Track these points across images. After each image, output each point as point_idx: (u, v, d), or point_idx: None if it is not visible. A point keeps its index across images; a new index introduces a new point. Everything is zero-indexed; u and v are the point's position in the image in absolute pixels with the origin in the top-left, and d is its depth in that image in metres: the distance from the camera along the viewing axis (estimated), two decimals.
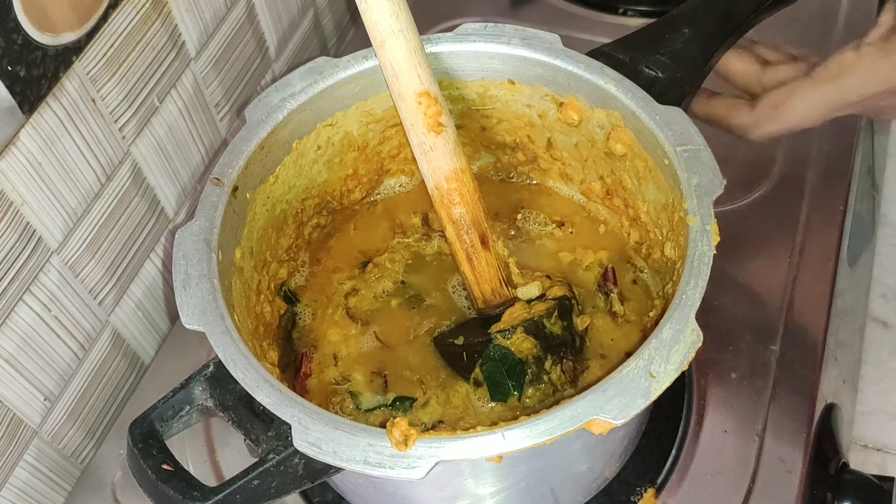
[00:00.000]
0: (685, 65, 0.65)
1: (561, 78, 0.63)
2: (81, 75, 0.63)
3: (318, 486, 0.66)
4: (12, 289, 0.62)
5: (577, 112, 0.64)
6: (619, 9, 0.97)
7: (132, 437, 0.52)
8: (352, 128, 0.66)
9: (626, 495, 0.65)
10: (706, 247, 0.53)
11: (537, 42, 0.63)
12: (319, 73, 0.63)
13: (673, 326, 0.50)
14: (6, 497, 0.66)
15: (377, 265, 0.68)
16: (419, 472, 0.47)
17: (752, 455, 0.66)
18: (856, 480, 0.68)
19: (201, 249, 0.56)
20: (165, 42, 0.70)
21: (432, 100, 0.60)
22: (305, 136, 0.64)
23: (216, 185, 0.58)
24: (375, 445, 0.48)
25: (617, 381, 0.48)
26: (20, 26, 0.56)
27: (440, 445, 0.47)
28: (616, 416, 0.47)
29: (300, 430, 0.48)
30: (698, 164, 0.56)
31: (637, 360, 0.49)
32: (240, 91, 0.83)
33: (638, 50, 0.65)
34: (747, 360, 0.70)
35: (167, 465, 0.50)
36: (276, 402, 0.50)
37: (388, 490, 0.59)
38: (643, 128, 0.59)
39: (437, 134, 0.60)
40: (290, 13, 0.89)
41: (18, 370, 0.64)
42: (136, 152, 0.71)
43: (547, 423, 0.47)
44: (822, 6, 0.95)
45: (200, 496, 0.49)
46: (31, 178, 0.61)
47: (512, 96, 0.66)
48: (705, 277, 0.51)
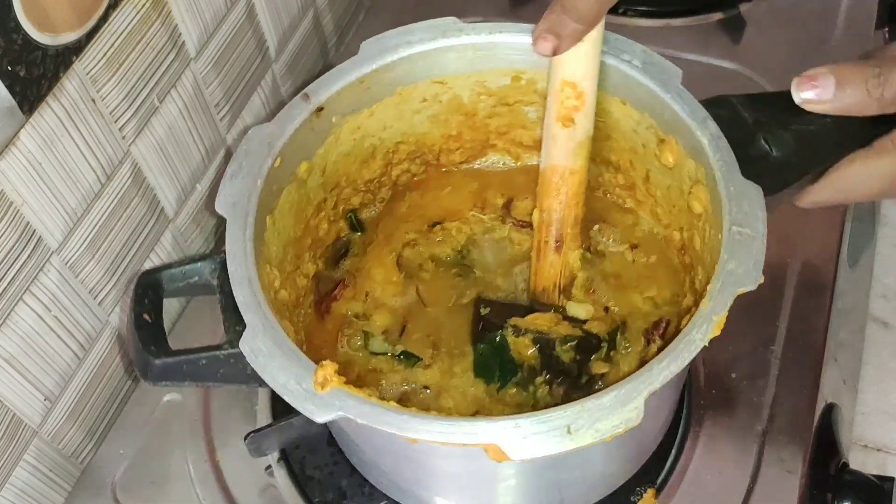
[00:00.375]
0: (806, 154, 0.56)
1: (667, 115, 0.60)
2: (81, 75, 0.63)
3: (317, 485, 0.67)
4: (12, 289, 0.62)
5: (674, 155, 0.60)
6: (620, 9, 0.96)
7: (138, 283, 0.57)
8: (462, 93, 0.67)
9: (626, 495, 0.64)
10: (699, 335, 0.50)
11: (657, 71, 0.60)
12: (442, 32, 0.63)
13: (619, 395, 0.48)
14: (6, 497, 0.66)
15: (444, 229, 0.70)
16: (319, 416, 0.49)
17: (752, 455, 0.66)
18: (856, 481, 0.68)
19: (263, 151, 0.59)
20: (165, 42, 0.70)
21: (577, 93, 0.58)
22: (412, 85, 0.65)
23: (304, 101, 0.61)
24: (300, 377, 0.50)
25: (537, 420, 0.47)
26: (20, 26, 0.56)
27: (346, 402, 0.49)
28: (514, 452, 0.46)
29: (250, 335, 0.52)
30: (745, 251, 0.52)
31: (565, 409, 0.47)
32: (240, 91, 0.83)
33: (767, 113, 0.57)
34: (747, 360, 0.70)
35: (147, 316, 0.55)
36: (246, 302, 0.53)
37: (404, 455, 0.59)
38: (715, 194, 0.55)
39: (564, 126, 0.60)
40: (290, 13, 0.89)
41: (18, 370, 0.64)
42: (136, 152, 0.71)
43: (452, 426, 0.47)
44: (822, 6, 0.95)
45: (155, 350, 0.54)
46: (31, 178, 0.61)
47: (622, 116, 0.63)
48: (681, 365, 0.49)
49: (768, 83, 0.88)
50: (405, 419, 0.48)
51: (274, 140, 0.60)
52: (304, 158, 0.62)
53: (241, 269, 0.54)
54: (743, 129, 0.57)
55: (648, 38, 0.93)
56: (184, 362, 0.54)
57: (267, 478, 0.68)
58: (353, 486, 0.67)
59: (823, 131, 0.55)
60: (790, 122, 0.56)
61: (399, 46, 0.63)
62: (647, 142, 0.62)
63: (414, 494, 0.63)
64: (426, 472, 0.59)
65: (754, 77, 0.89)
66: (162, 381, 0.55)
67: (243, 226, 0.56)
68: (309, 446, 0.68)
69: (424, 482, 0.61)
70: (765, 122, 0.57)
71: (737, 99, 0.58)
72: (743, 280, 0.51)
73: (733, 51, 0.92)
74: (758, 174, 0.55)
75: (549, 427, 0.47)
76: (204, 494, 0.68)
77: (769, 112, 0.57)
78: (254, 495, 0.68)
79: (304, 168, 0.63)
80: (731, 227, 0.53)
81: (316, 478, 0.68)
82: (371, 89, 0.64)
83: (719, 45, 0.93)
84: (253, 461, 0.68)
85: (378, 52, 0.63)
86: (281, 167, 0.60)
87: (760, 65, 0.90)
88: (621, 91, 0.62)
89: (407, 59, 0.63)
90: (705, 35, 0.94)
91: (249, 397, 0.73)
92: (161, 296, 0.57)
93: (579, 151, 0.61)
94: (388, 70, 0.63)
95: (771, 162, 0.56)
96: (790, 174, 0.56)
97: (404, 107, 0.66)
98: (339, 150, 0.65)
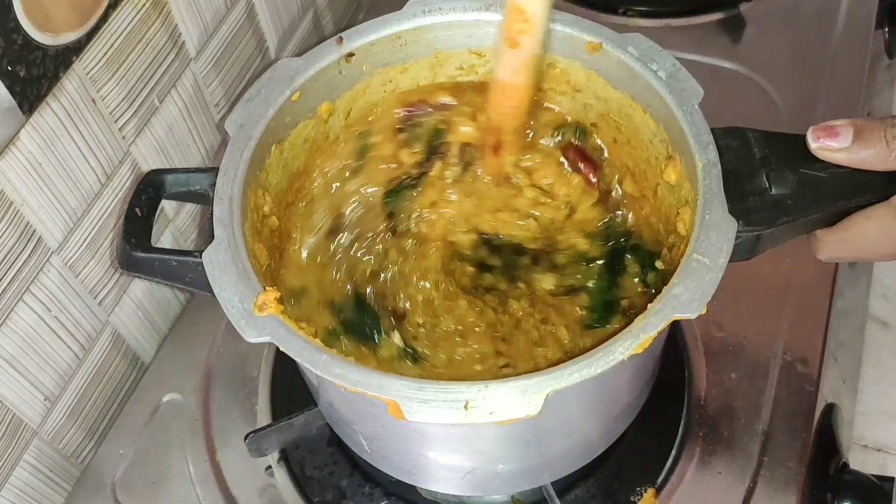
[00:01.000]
0: (806, 197, 0.55)
1: (675, 132, 0.59)
2: (81, 75, 0.63)
3: (317, 485, 0.67)
4: (12, 289, 0.62)
5: (676, 174, 0.59)
6: (620, 9, 0.96)
7: (142, 180, 0.59)
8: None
9: (626, 495, 0.65)
10: (622, 349, 0.49)
11: (679, 86, 0.59)
12: (487, 6, 0.64)
13: (523, 386, 0.48)
14: (6, 497, 0.66)
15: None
16: (249, 335, 0.50)
17: (752, 455, 0.66)
18: (856, 480, 0.68)
19: (284, 82, 0.60)
20: (165, 42, 0.70)
21: (524, 18, 0.59)
22: (448, 52, 0.66)
23: (337, 43, 0.62)
24: (244, 296, 0.51)
25: (440, 389, 0.48)
26: (20, 26, 0.56)
27: (277, 330, 0.50)
28: (409, 412, 0.47)
29: (214, 248, 0.54)
30: (696, 279, 0.51)
31: (469, 386, 0.48)
32: (240, 91, 0.83)
33: (778, 152, 0.56)
34: (747, 360, 0.70)
35: (139, 211, 0.57)
36: (221, 217, 0.55)
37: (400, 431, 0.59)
38: (695, 222, 0.54)
39: (511, 47, 0.60)
40: (290, 13, 0.89)
41: (18, 370, 0.64)
42: (136, 152, 0.71)
43: (364, 376, 0.48)
44: (822, 6, 0.95)
45: (135, 243, 0.56)
46: (31, 178, 0.61)
47: (642, 125, 0.63)
48: (591, 373, 0.48)
49: (768, 83, 0.88)
50: (324, 359, 0.49)
51: (297, 74, 0.61)
52: (326, 98, 0.64)
53: (227, 186, 0.56)
54: (749, 162, 0.56)
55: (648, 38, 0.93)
56: (156, 260, 0.56)
57: (267, 478, 0.68)
58: (353, 486, 0.67)
59: (831, 180, 0.55)
60: (800, 166, 0.55)
61: (443, 10, 0.64)
62: (659, 155, 0.62)
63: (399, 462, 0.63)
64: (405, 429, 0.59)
65: (754, 77, 0.89)
66: (134, 271, 0.57)
67: (243, 147, 0.58)
68: (309, 446, 0.68)
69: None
70: (773, 160, 0.56)
71: (752, 133, 0.58)
72: (684, 307, 0.50)
73: (733, 51, 0.92)
74: (749, 208, 0.54)
75: (450, 398, 0.48)
76: (204, 494, 0.68)
77: (781, 151, 0.56)
78: (254, 495, 0.68)
79: (325, 108, 0.64)
80: (693, 253, 0.52)
81: (316, 478, 0.68)
82: (406, 45, 0.64)
83: (719, 45, 0.93)
84: (253, 461, 0.68)
85: (422, 12, 0.64)
86: (299, 102, 0.61)
87: (760, 65, 0.90)
88: (644, 99, 0.62)
89: (446, 26, 0.64)
90: (705, 35, 0.94)
91: (249, 397, 0.73)
92: (161, 195, 0.59)
93: (523, 70, 0.62)
94: (427, 31, 0.64)
95: (766, 199, 0.55)
96: (785, 213, 0.55)
97: (438, 70, 0.67)
98: (367, 99, 0.66)
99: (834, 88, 0.88)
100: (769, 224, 0.55)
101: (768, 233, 0.55)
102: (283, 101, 0.60)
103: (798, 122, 0.85)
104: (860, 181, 0.54)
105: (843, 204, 0.55)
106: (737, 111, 0.86)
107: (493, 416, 0.47)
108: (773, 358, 0.70)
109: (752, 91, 0.88)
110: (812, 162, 0.55)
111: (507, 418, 0.48)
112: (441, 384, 0.48)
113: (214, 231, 0.54)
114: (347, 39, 0.63)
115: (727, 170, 0.55)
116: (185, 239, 0.80)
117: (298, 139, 0.63)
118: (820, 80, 0.88)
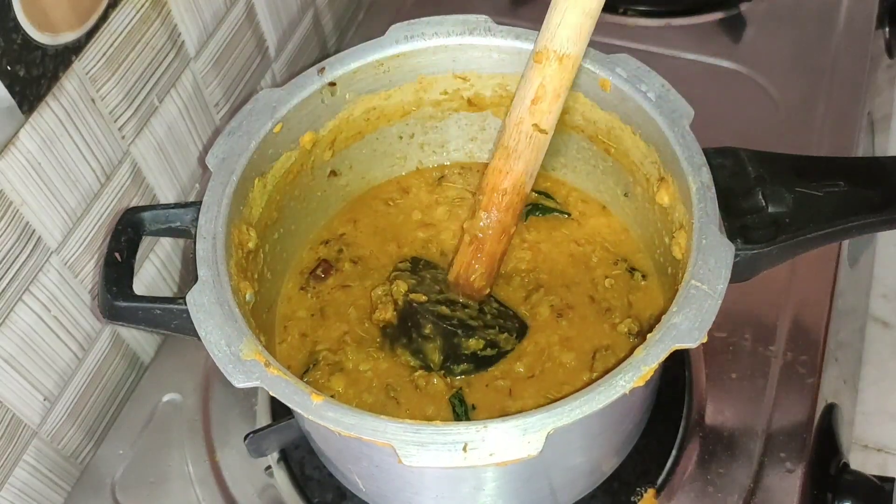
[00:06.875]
0: (804, 215, 0.55)
1: (668, 154, 0.58)
2: (81, 75, 0.63)
3: (317, 485, 0.67)
4: (12, 289, 0.62)
5: (669, 196, 0.59)
6: (620, 8, 0.96)
7: (120, 220, 0.58)
8: (484, 92, 0.67)
9: (626, 495, 0.64)
10: (623, 382, 0.48)
11: (669, 108, 0.58)
12: (471, 29, 0.63)
13: (522, 425, 0.47)
14: (6, 497, 0.66)
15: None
16: (237, 380, 0.50)
17: (752, 455, 0.66)
18: (856, 481, 0.68)
19: (266, 114, 0.60)
20: (165, 42, 0.70)
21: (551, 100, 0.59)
22: (432, 77, 0.65)
23: (319, 74, 0.62)
24: (232, 340, 0.51)
25: (437, 431, 0.47)
26: (20, 26, 0.56)
27: (265, 374, 0.50)
28: (406, 456, 0.46)
29: (198, 289, 0.53)
30: (696, 307, 0.50)
31: (468, 426, 0.47)
32: (239, 91, 0.83)
33: (772, 171, 0.56)
34: (747, 360, 0.70)
35: (119, 255, 0.56)
36: (204, 257, 0.54)
37: (395, 472, 0.58)
38: (691, 246, 0.53)
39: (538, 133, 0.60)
40: (290, 13, 0.89)
41: (18, 370, 0.64)
42: (135, 152, 0.71)
43: (358, 419, 0.48)
44: (822, 6, 0.95)
45: (116, 292, 0.54)
46: (31, 178, 0.61)
47: (632, 146, 0.62)
48: (594, 407, 0.47)
49: (768, 83, 0.88)
50: (315, 404, 0.48)
51: (279, 105, 0.60)
52: (309, 129, 0.63)
53: (210, 224, 0.55)
54: (743, 181, 0.56)
55: (648, 38, 0.93)
56: (139, 309, 0.55)
57: (266, 478, 0.68)
58: None
59: (827, 199, 0.55)
60: (795, 184, 0.55)
61: (425, 35, 0.63)
62: (651, 176, 0.61)
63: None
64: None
65: (754, 77, 0.89)
66: (117, 321, 0.56)
67: (225, 182, 0.57)
68: (309, 446, 0.68)
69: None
70: (767, 178, 0.56)
71: (745, 153, 0.58)
72: (684, 336, 0.49)
73: (733, 50, 0.92)
74: (747, 226, 0.54)
75: (448, 440, 0.46)
76: (203, 494, 0.68)
77: (774, 170, 0.56)
78: (253, 495, 0.68)
79: (308, 139, 0.63)
80: (691, 280, 0.51)
81: (315, 478, 0.67)
82: (390, 72, 0.64)
83: (719, 45, 0.93)
84: (253, 461, 0.68)
85: (404, 38, 0.63)
86: (282, 133, 0.61)
87: (760, 64, 0.90)
88: (633, 120, 0.61)
89: (431, 51, 0.63)
90: (705, 35, 0.94)
91: (249, 397, 0.73)
92: (140, 234, 0.58)
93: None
94: (411, 57, 0.64)
95: (764, 217, 0.55)
96: (783, 231, 0.55)
97: (423, 94, 0.66)
98: (350, 128, 0.66)
99: (834, 88, 0.88)
100: (768, 242, 0.54)
101: (766, 251, 0.54)
102: (265, 133, 0.59)
103: (798, 122, 0.85)
104: (857, 200, 0.54)
105: (841, 223, 0.55)
106: (737, 111, 0.86)
107: (494, 458, 0.46)
108: (774, 358, 0.70)
109: (752, 91, 0.88)
110: (807, 181, 0.55)
111: (508, 459, 0.46)
112: (438, 426, 0.47)
113: (198, 271, 0.53)
114: (329, 68, 0.62)
115: (722, 188, 0.55)
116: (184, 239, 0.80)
117: (282, 169, 0.62)
118: (820, 80, 0.88)
